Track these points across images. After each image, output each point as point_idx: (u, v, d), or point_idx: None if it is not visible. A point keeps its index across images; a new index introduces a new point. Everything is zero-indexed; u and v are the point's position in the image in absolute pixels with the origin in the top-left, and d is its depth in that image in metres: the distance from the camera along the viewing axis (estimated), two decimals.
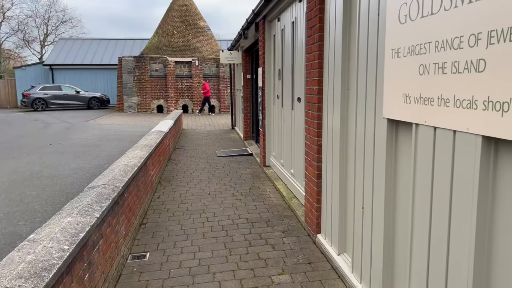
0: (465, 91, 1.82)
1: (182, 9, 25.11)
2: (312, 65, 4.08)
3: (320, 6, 3.85)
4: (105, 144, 11.12)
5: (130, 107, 22.94)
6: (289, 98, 5.86)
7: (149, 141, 6.70)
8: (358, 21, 3.06)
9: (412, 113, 2.30)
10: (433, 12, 2.05)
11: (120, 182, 3.88)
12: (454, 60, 1.90)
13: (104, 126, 15.95)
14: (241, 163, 8.57)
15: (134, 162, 4.92)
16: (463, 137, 1.87)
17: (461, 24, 1.83)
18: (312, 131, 4.17)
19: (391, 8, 2.49)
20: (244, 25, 9.10)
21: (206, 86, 21.44)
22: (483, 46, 1.69)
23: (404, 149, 2.51)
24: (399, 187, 2.59)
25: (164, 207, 5.55)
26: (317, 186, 4.12)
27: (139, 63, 22.65)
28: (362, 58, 3.02)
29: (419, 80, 2.20)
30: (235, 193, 6.21)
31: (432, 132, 2.12)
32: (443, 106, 1.99)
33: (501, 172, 1.71)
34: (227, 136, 12.98)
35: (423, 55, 2.15)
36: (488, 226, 1.79)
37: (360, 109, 3.09)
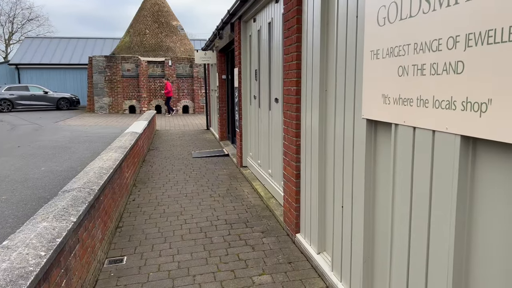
0: (444, 92, 1.87)
1: (154, 8, 24.76)
2: (290, 66, 4.10)
3: (297, 7, 3.88)
4: (76, 146, 10.82)
5: (101, 107, 22.42)
6: (266, 98, 5.88)
7: (123, 143, 6.57)
8: (336, 23, 3.10)
9: (391, 114, 2.34)
10: (412, 15, 2.10)
11: (96, 185, 3.79)
12: (433, 62, 1.95)
13: (74, 127, 15.52)
14: (218, 164, 8.53)
15: (109, 164, 4.81)
16: (442, 137, 1.92)
17: (440, 27, 1.89)
18: (290, 132, 4.19)
19: (370, 11, 2.53)
20: (219, 25, 9.06)
21: (168, 86, 20.98)
22: (461, 48, 1.75)
23: (383, 149, 2.56)
24: (379, 186, 2.64)
25: (140, 210, 5.45)
26: (296, 186, 4.14)
27: (110, 62, 22.17)
28: (340, 59, 3.06)
29: (398, 81, 2.25)
30: (213, 194, 6.17)
31: (411, 132, 2.18)
32: (422, 106, 2.05)
33: (479, 171, 1.77)
34: (202, 137, 12.89)
35: (402, 57, 2.20)
36: (467, 225, 1.84)
37: (339, 109, 3.13)
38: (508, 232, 1.63)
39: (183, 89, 23.34)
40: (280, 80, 5.06)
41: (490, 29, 1.59)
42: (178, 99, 23.29)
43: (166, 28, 24.56)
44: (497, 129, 1.58)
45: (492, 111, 1.59)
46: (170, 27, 24.74)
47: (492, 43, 1.59)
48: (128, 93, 22.68)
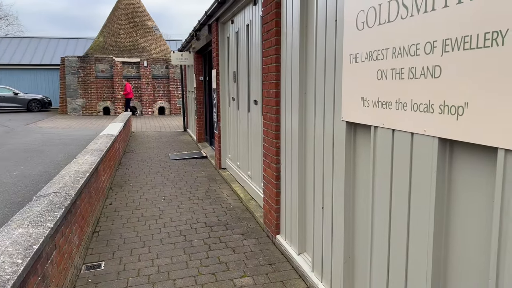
0: (422, 95, 1.92)
1: (129, 8, 24.38)
2: (269, 69, 4.12)
3: (276, 10, 3.90)
4: (49, 149, 10.52)
5: (74, 109, 21.90)
6: (245, 100, 5.88)
7: (99, 146, 6.44)
8: (316, 26, 3.14)
9: (370, 116, 2.39)
10: (390, 20, 2.15)
11: (73, 190, 3.70)
12: (411, 66, 2.00)
13: (47, 129, 15.09)
14: (196, 166, 8.47)
15: (85, 168, 4.71)
16: (420, 139, 1.97)
17: (417, 32, 1.94)
18: (270, 134, 4.21)
19: (349, 15, 2.58)
20: (196, 27, 9.01)
21: (128, 87, 20.25)
22: (439, 53, 1.80)
23: (363, 150, 2.61)
24: (359, 187, 2.69)
25: (117, 214, 5.35)
26: (276, 188, 4.17)
27: (84, 63, 21.69)
28: (320, 62, 3.10)
29: (377, 85, 2.30)
30: (192, 196, 6.13)
31: (390, 134, 2.23)
32: (401, 109, 2.10)
33: (456, 172, 1.83)
34: (179, 139, 12.78)
35: (381, 61, 2.25)
36: (445, 225, 1.90)
37: (318, 111, 3.17)
38: (483, 231, 1.69)
39: (159, 90, 23.07)
40: (259, 82, 5.08)
41: (466, 35, 1.65)
42: (154, 100, 23.00)
43: (141, 28, 24.23)
44: (473, 131, 1.64)
45: (469, 115, 1.65)
46: (145, 28, 24.43)
47: (468, 49, 1.64)
48: (102, 94, 22.24)
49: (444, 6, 1.76)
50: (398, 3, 2.08)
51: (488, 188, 1.66)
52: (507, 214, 1.52)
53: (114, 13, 24.39)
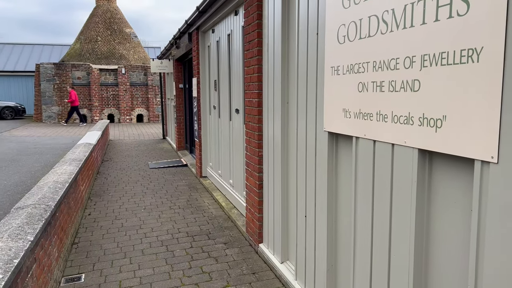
0: (402, 108, 2.00)
1: (107, 15, 24.12)
2: (252, 78, 4.17)
3: (258, 21, 3.96)
4: (24, 158, 10.25)
5: (49, 117, 21.42)
6: (227, 109, 5.91)
7: (78, 155, 6.33)
8: (297, 39, 3.20)
9: (352, 127, 2.46)
10: (371, 34, 2.23)
11: (52, 201, 3.63)
12: (391, 80, 2.08)
13: (21, 138, 14.70)
14: (176, 174, 8.42)
15: (64, 178, 4.63)
16: (401, 150, 2.04)
17: (397, 47, 2.02)
18: (253, 142, 4.25)
19: (330, 28, 2.65)
20: (176, 35, 9.00)
21: (72, 94, 19.51)
22: (418, 68, 1.88)
23: (345, 160, 2.67)
24: (341, 196, 2.75)
25: (97, 225, 5.26)
26: (258, 196, 4.19)
27: (60, 70, 21.28)
28: (302, 74, 3.16)
29: (358, 97, 2.37)
30: (173, 206, 6.08)
31: (371, 145, 2.29)
32: (381, 121, 2.17)
33: (435, 182, 1.90)
34: (158, 147, 12.66)
35: (362, 74, 2.32)
36: (425, 233, 1.97)
37: (301, 121, 3.23)
38: (462, 239, 1.76)
39: (137, 97, 22.83)
40: (241, 91, 5.11)
41: (443, 51, 1.73)
42: (132, 107, 22.74)
43: (119, 35, 23.98)
44: (451, 143, 1.71)
45: (447, 127, 1.73)
46: (123, 35, 24.19)
47: (445, 65, 1.72)
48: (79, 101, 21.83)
49: (422, 23, 1.84)
50: (378, 18, 2.15)
51: (466, 198, 1.73)
52: (484, 223, 1.59)
53: (91, 20, 24.07)
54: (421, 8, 1.84)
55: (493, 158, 1.53)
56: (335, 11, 2.58)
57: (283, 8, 3.47)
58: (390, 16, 2.06)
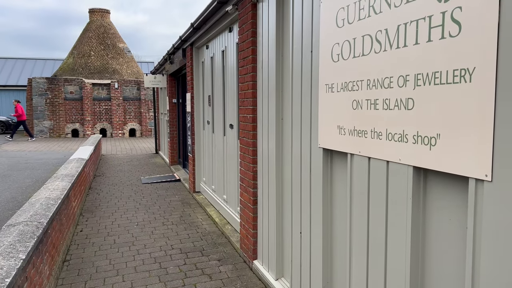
0: (396, 125, 2.02)
1: (100, 30, 24.23)
2: (246, 94, 4.20)
3: (252, 38, 4.01)
4: (16, 174, 10.13)
5: (41, 131, 21.26)
6: (221, 124, 5.92)
7: (70, 170, 6.28)
8: (292, 56, 3.24)
9: (347, 144, 2.48)
10: (364, 53, 2.27)
11: (44, 218, 3.59)
12: (385, 98, 2.11)
13: (12, 153, 14.55)
14: (169, 189, 8.37)
15: (57, 194, 4.58)
16: (395, 167, 2.07)
17: (391, 66, 2.06)
18: (247, 158, 4.25)
19: (324, 47, 2.69)
20: (170, 50, 9.06)
21: (19, 108, 18.92)
22: (411, 87, 1.92)
23: (340, 177, 2.69)
24: (337, 212, 2.75)
25: (89, 241, 5.19)
26: (253, 212, 4.18)
27: (52, 85, 21.21)
28: (296, 90, 3.20)
29: (352, 114, 2.40)
30: (166, 222, 6.03)
31: (366, 162, 2.31)
32: (376, 138, 2.19)
33: (430, 199, 1.92)
34: (151, 161, 12.60)
35: (356, 92, 2.36)
36: (421, 250, 1.98)
37: (295, 137, 3.25)
38: (458, 256, 1.77)
39: (130, 112, 22.79)
40: (235, 106, 5.14)
41: (436, 71, 1.77)
42: (125, 122, 22.67)
43: (112, 50, 24.06)
44: (446, 161, 1.74)
45: (441, 145, 1.75)
46: (117, 49, 24.27)
47: (438, 84, 1.76)
48: (71, 116, 21.75)
49: (415, 43, 1.88)
50: (371, 38, 2.20)
51: (461, 215, 1.75)
52: (480, 240, 1.60)
53: (84, 35, 24.15)
54: (414, 28, 1.88)
55: (487, 176, 1.55)
56: (329, 30, 2.62)
57: (277, 27, 3.52)
58: (384, 36, 2.10)
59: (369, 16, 2.23)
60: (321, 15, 2.71)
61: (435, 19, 1.76)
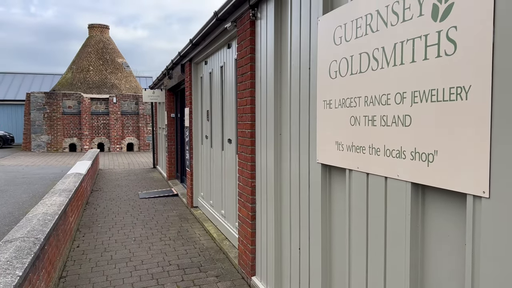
0: (394, 142, 2.04)
1: (99, 45, 24.43)
2: (245, 110, 4.22)
3: (251, 55, 4.05)
4: (12, 188, 10.08)
5: (38, 146, 21.23)
6: (219, 139, 5.94)
7: (68, 185, 6.26)
8: (290, 73, 3.28)
9: (345, 160, 2.49)
10: (362, 71, 2.30)
11: (41, 234, 3.57)
12: (382, 114, 2.13)
13: (9, 167, 14.49)
14: (167, 204, 8.33)
15: (54, 209, 4.56)
16: (394, 183, 2.08)
17: (388, 83, 2.09)
18: (245, 173, 4.26)
19: (322, 64, 2.73)
20: (169, 66, 9.13)
21: None
22: (408, 104, 1.94)
23: (338, 192, 2.69)
24: (336, 228, 2.75)
25: (85, 257, 5.15)
26: (251, 228, 4.16)
27: (50, 99, 21.28)
28: (294, 106, 3.22)
29: (350, 130, 2.42)
30: (163, 237, 5.99)
31: (365, 178, 2.32)
32: (374, 154, 2.21)
33: (429, 215, 1.92)
34: (149, 176, 12.57)
35: (354, 108, 2.38)
36: (420, 267, 1.98)
37: (294, 153, 3.26)
38: (456, 272, 1.77)
39: (128, 126, 22.82)
40: (233, 121, 5.16)
41: (432, 88, 1.79)
42: (123, 136, 22.68)
43: (111, 65, 24.22)
44: (444, 178, 1.75)
45: (439, 161, 1.77)
46: (115, 64, 24.43)
47: (435, 101, 1.78)
48: (69, 130, 21.76)
49: (411, 61, 1.91)
50: (369, 56, 2.23)
51: (459, 231, 1.75)
52: (478, 257, 1.61)
53: (83, 50, 24.34)
54: (410, 47, 1.92)
55: (484, 193, 1.56)
56: (327, 48, 2.66)
57: (276, 44, 3.57)
58: (381, 54, 2.14)
59: (366, 34, 2.26)
60: (319, 33, 2.76)
61: (431, 38, 1.80)
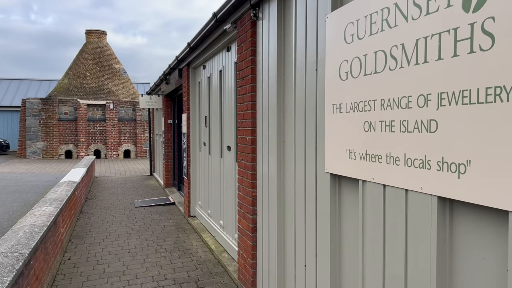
0: (417, 150, 1.81)
1: (96, 51, 24.22)
2: (245, 115, 4.00)
3: (252, 57, 3.83)
4: (4, 197, 9.78)
5: (34, 152, 20.92)
6: (218, 146, 5.70)
7: (59, 194, 5.99)
8: (294, 75, 3.06)
9: (358, 169, 2.26)
10: (377, 71, 2.08)
11: (27, 248, 3.31)
12: (402, 119, 1.90)
13: (2, 175, 14.19)
14: (163, 213, 8.06)
15: (42, 220, 4.30)
16: (416, 196, 1.84)
17: (409, 84, 1.86)
18: (246, 182, 4.01)
19: (331, 64, 2.50)
20: (166, 71, 8.92)
21: None
22: (434, 107, 1.71)
23: (350, 205, 2.46)
24: (346, 245, 2.51)
25: (76, 270, 4.88)
26: (252, 241, 3.91)
27: (46, 105, 21.01)
28: (299, 111, 3.00)
29: (364, 137, 2.19)
30: (159, 249, 5.72)
31: (381, 190, 2.09)
32: (392, 164, 1.97)
33: (459, 235, 1.69)
34: (145, 183, 12.30)
35: (368, 112, 2.15)
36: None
37: (299, 161, 3.03)
38: None
39: (125, 133, 22.55)
40: (233, 127, 4.93)
41: (464, 89, 1.57)
42: (120, 143, 22.40)
43: (108, 71, 23.99)
44: (479, 192, 1.51)
45: (473, 173, 1.53)
46: (113, 70, 24.21)
47: (467, 104, 1.56)
48: (65, 137, 21.46)
49: (438, 59, 1.69)
50: (385, 54, 2.01)
51: (498, 254, 1.51)
52: None
53: (80, 56, 24.12)
54: (436, 43, 1.69)
55: None
56: (336, 47, 2.44)
57: (279, 44, 3.35)
58: (400, 52, 1.91)
59: (382, 31, 2.04)
60: (327, 31, 2.54)
61: (462, 32, 1.57)
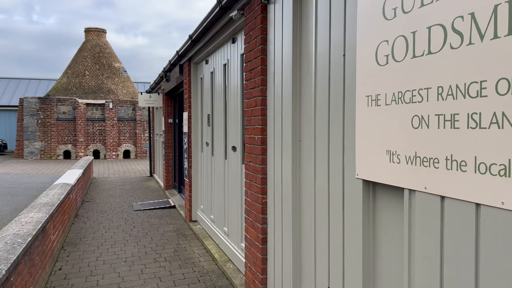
0: (496, 153, 1.37)
1: (96, 49, 23.79)
2: (254, 112, 3.55)
3: (262, 46, 3.39)
4: None
5: (31, 153, 20.49)
6: (222, 146, 5.25)
7: (51, 198, 5.55)
8: (315, 63, 2.62)
9: (403, 176, 1.81)
10: (432, 51, 1.63)
11: (5, 263, 2.87)
12: (471, 112, 1.46)
13: None
14: (163, 217, 7.61)
15: (28, 229, 3.86)
16: (494, 214, 1.39)
17: (482, 66, 1.41)
18: (254, 187, 3.57)
19: (364, 47, 2.06)
20: (166, 67, 8.48)
21: None
22: None
23: (389, 219, 2.01)
24: (382, 265, 2.06)
25: (67, 283, 4.43)
26: (261, 253, 3.47)
27: (44, 104, 20.57)
28: (321, 105, 2.55)
29: (412, 135, 1.74)
30: (158, 258, 5.28)
31: (438, 202, 1.64)
32: (455, 170, 1.53)
33: None
34: (145, 185, 11.86)
35: (418, 104, 1.71)
36: None
37: (320, 165, 2.58)
38: None
39: (125, 132, 22.12)
40: (239, 126, 4.48)
41: None
42: (119, 143, 21.96)
43: (107, 69, 23.57)
44: None
45: None
46: (112, 69, 23.79)
47: None
48: (63, 137, 21.03)
49: None
50: (445, 29, 1.56)
51: None
52: None
53: (79, 54, 23.70)
54: None
55: None
56: (372, 25, 2.00)
57: (294, 29, 2.90)
58: (467, 24, 1.47)
59: (438, 0, 1.60)
60: (359, 7, 2.09)
61: None
